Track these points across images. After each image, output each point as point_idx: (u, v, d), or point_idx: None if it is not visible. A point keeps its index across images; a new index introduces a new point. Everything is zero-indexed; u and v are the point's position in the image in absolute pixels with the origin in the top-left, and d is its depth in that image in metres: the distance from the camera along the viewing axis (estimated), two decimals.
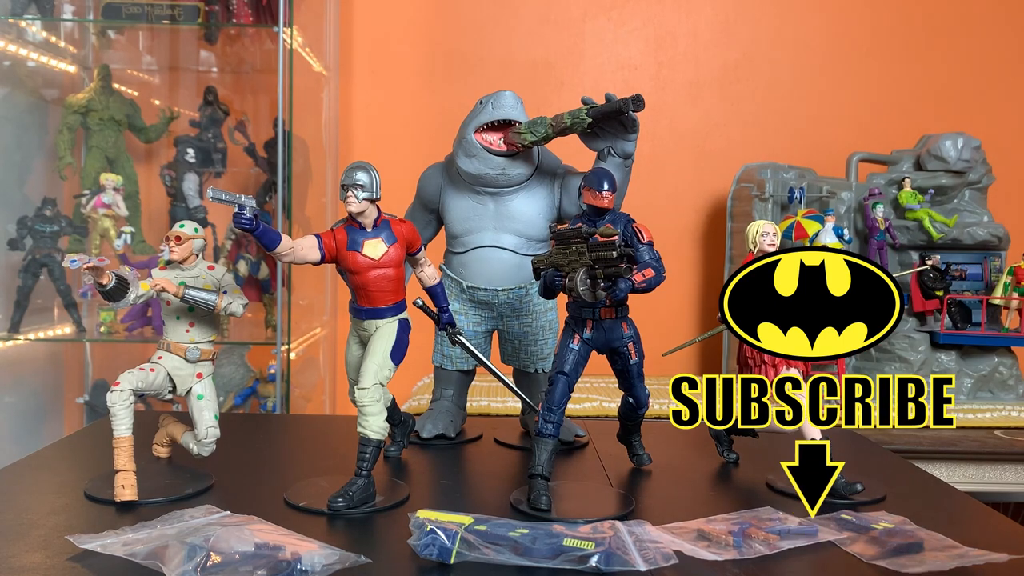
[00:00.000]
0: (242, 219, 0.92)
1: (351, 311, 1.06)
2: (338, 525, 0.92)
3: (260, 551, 0.77)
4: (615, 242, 0.96)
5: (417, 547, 0.79)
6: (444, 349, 1.36)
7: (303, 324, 2.59)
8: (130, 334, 2.42)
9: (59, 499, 0.98)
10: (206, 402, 1.06)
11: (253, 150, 2.57)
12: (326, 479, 1.04)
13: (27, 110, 2.54)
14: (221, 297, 1.03)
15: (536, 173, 1.31)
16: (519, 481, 1.11)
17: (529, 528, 0.83)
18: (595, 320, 1.04)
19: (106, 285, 0.95)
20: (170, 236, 1.04)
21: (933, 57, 2.86)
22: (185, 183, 2.50)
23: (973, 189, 2.39)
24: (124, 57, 2.75)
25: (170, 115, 2.58)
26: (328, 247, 1.00)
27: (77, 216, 2.36)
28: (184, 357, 1.05)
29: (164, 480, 1.05)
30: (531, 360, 1.34)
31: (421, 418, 1.32)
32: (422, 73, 2.92)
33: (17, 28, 2.43)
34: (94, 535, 0.82)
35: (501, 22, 2.93)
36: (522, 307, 1.32)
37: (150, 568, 0.75)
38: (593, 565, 0.78)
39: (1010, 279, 2.20)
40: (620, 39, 2.91)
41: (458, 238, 1.34)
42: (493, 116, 1.26)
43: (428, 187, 1.37)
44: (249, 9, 2.39)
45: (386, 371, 1.01)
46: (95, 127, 2.43)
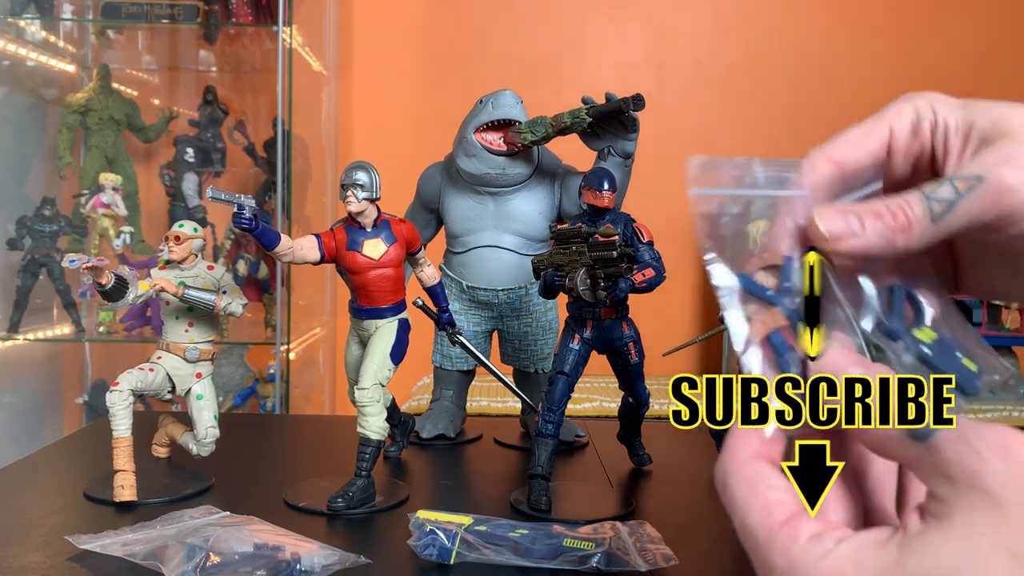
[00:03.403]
0: (241, 219, 0.92)
1: (351, 311, 1.06)
2: (338, 525, 0.92)
3: (260, 551, 0.77)
4: (615, 242, 0.96)
5: (417, 547, 0.79)
6: (444, 349, 1.36)
7: (303, 324, 2.59)
8: (129, 334, 2.42)
9: (58, 499, 0.98)
10: (205, 402, 1.06)
11: (252, 150, 2.57)
12: (326, 479, 1.03)
13: (26, 110, 2.54)
14: (220, 297, 1.03)
15: (536, 173, 1.31)
16: (519, 481, 1.10)
17: (529, 528, 0.82)
18: (595, 320, 1.04)
19: (105, 285, 0.95)
20: (169, 236, 1.04)
21: (932, 57, 2.86)
22: (184, 183, 2.50)
23: None
24: (123, 57, 2.75)
25: (169, 115, 2.58)
26: (328, 247, 1.00)
27: (76, 216, 2.36)
28: (183, 357, 1.05)
29: (163, 480, 1.05)
30: (531, 360, 1.34)
31: (421, 418, 1.32)
32: (422, 73, 2.92)
33: (16, 27, 2.43)
34: (93, 535, 0.82)
35: (501, 21, 2.92)
36: (522, 307, 1.32)
37: (149, 568, 0.75)
38: (593, 566, 0.78)
39: None
40: (620, 39, 2.91)
41: (458, 238, 1.33)
42: (493, 116, 1.26)
43: (428, 187, 1.37)
44: (248, 8, 2.39)
45: (386, 371, 1.01)
46: (94, 127, 2.43)
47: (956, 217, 0.43)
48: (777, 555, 0.37)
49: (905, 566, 0.33)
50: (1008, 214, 0.42)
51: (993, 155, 0.43)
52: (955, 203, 0.43)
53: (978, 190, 0.42)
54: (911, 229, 0.44)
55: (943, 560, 0.32)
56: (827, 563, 0.35)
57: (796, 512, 0.38)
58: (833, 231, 0.45)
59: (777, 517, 0.38)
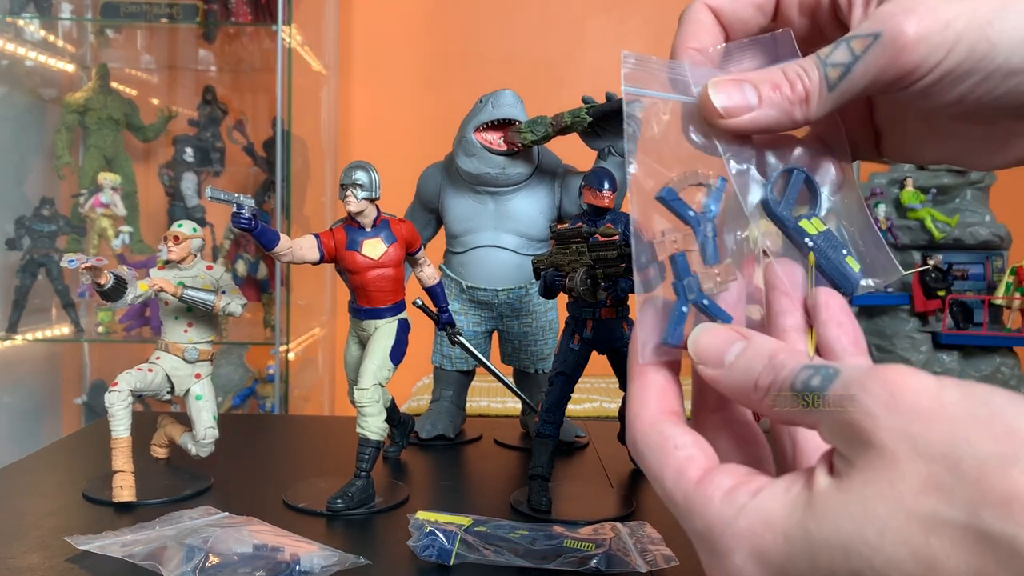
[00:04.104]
0: (240, 218, 0.91)
1: (350, 311, 1.06)
2: (337, 526, 0.91)
3: (259, 552, 0.77)
4: (616, 242, 0.95)
5: (416, 548, 0.79)
6: (444, 349, 1.36)
7: (302, 324, 2.59)
8: (128, 334, 2.41)
9: (57, 500, 0.98)
10: (204, 403, 1.06)
11: (252, 149, 2.57)
12: (325, 480, 1.03)
13: (25, 109, 2.54)
14: (219, 297, 1.03)
15: (536, 172, 1.30)
16: (519, 482, 1.10)
17: (529, 529, 0.82)
18: (595, 320, 1.04)
19: (104, 285, 0.95)
20: (168, 236, 1.04)
21: None
22: (183, 182, 2.50)
23: (975, 188, 2.38)
24: (122, 56, 2.75)
25: (168, 114, 2.58)
26: (327, 247, 0.99)
27: (75, 216, 2.36)
28: (182, 357, 1.05)
29: (162, 481, 1.04)
30: (531, 360, 1.34)
31: (420, 419, 1.32)
32: (422, 72, 2.92)
33: (15, 27, 2.42)
34: (92, 536, 0.82)
35: (501, 21, 2.92)
36: (522, 307, 1.32)
37: (148, 569, 0.75)
38: (593, 566, 0.78)
39: (1012, 279, 2.19)
40: (620, 38, 2.91)
41: (458, 238, 1.33)
42: (493, 115, 1.26)
43: (428, 187, 1.37)
44: (248, 7, 2.39)
45: (385, 371, 1.01)
46: (93, 126, 2.43)
47: (853, 82, 0.39)
48: (696, 519, 0.36)
49: (808, 530, 0.32)
50: (910, 72, 0.38)
51: (891, 5, 0.38)
52: (851, 66, 0.38)
53: (875, 49, 0.38)
54: (808, 100, 0.40)
55: (843, 526, 0.31)
56: (740, 524, 0.34)
57: (707, 468, 0.37)
58: (728, 106, 0.41)
59: (690, 476, 0.37)
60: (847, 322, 0.41)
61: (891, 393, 0.31)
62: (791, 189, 0.43)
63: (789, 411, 0.35)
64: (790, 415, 0.35)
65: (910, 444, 0.30)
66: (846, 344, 0.40)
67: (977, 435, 0.29)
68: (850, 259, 0.42)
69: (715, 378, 0.38)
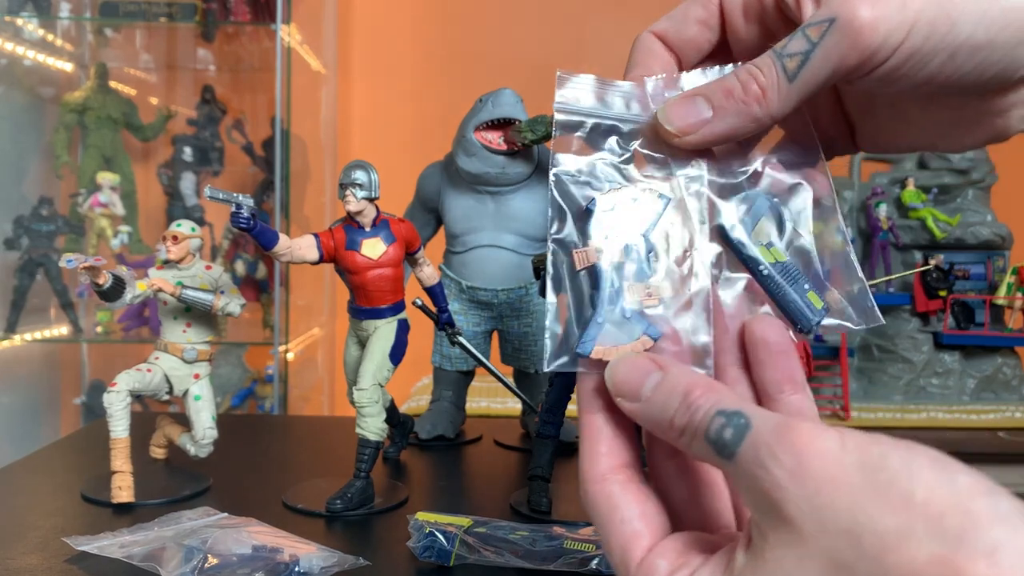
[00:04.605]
0: (239, 218, 0.91)
1: (349, 311, 1.06)
2: (336, 527, 0.91)
3: (258, 553, 0.76)
4: None
5: (416, 549, 0.78)
6: (443, 349, 1.35)
7: (301, 324, 2.59)
8: (127, 334, 2.41)
9: (56, 501, 0.97)
10: (203, 403, 1.05)
11: (251, 149, 2.56)
12: (324, 480, 1.03)
13: (23, 109, 2.54)
14: (218, 297, 1.02)
15: (536, 172, 1.30)
16: (519, 483, 1.10)
17: (529, 530, 0.82)
18: None
19: (103, 285, 0.94)
20: (167, 235, 1.03)
21: None
22: (182, 182, 2.49)
23: (976, 188, 2.38)
24: (121, 55, 2.74)
25: (167, 114, 2.57)
26: (326, 246, 0.99)
27: (74, 215, 2.35)
28: (181, 358, 1.04)
29: (161, 482, 1.04)
30: (531, 360, 1.33)
31: (420, 419, 1.31)
32: (422, 72, 2.91)
33: (14, 26, 2.42)
34: (91, 537, 0.81)
35: (501, 20, 2.92)
36: (522, 307, 1.32)
37: (147, 570, 0.75)
38: (594, 568, 0.77)
39: (1014, 279, 2.19)
40: (621, 37, 2.90)
41: (458, 238, 1.33)
42: (493, 114, 1.25)
43: (427, 186, 1.37)
44: (247, 6, 2.38)
45: (385, 372, 1.01)
46: (92, 126, 2.42)
47: (813, 70, 0.38)
48: None
49: None
50: (872, 54, 0.37)
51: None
52: (810, 54, 0.38)
53: (832, 34, 0.37)
54: (766, 97, 0.38)
55: None
56: None
57: (650, 545, 0.36)
58: (681, 126, 0.40)
59: (634, 556, 0.36)
60: (781, 358, 0.39)
61: (798, 461, 0.30)
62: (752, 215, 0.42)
63: (707, 457, 0.34)
64: (709, 461, 0.34)
65: (816, 518, 0.29)
66: (780, 381, 0.39)
67: (875, 506, 0.28)
68: (812, 294, 0.41)
69: (633, 412, 0.37)
